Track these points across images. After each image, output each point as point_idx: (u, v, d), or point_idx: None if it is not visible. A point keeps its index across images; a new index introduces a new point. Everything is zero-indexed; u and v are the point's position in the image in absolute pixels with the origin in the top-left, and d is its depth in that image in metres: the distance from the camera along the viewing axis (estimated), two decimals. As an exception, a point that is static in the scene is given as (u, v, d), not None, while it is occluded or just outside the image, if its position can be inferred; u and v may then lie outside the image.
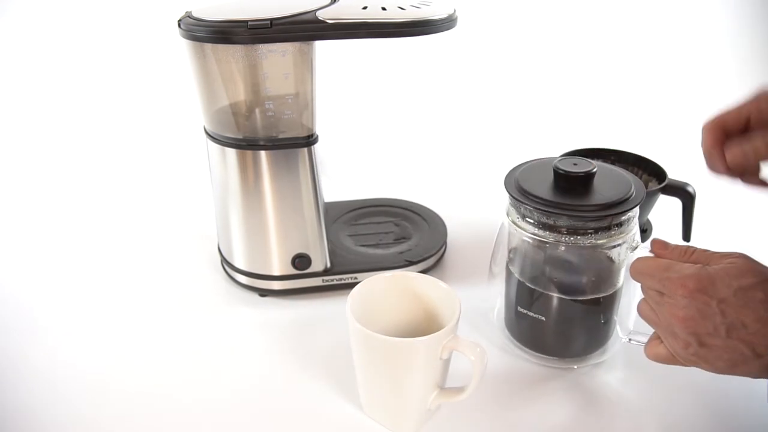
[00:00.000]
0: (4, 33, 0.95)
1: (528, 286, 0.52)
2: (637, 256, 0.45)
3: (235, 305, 0.62)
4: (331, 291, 0.62)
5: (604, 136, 0.79)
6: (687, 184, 0.62)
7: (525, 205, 0.49)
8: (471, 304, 0.52)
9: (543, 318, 0.52)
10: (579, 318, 0.52)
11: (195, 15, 0.52)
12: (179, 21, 0.53)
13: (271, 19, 0.49)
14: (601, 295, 0.51)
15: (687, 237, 0.63)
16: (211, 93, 0.56)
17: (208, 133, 0.58)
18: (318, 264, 0.61)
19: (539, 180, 0.50)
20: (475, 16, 0.92)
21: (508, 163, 0.55)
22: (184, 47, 0.54)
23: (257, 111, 0.55)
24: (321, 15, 0.50)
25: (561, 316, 0.52)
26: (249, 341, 0.57)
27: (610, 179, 0.50)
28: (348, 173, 0.88)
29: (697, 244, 0.45)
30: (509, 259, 0.54)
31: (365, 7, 0.51)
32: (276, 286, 0.61)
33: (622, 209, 0.47)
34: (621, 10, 1.08)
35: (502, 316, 0.57)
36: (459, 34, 0.58)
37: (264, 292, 0.63)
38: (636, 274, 0.44)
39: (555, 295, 0.51)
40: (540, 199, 0.48)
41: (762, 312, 0.37)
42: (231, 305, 0.62)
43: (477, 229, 0.74)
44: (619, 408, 0.50)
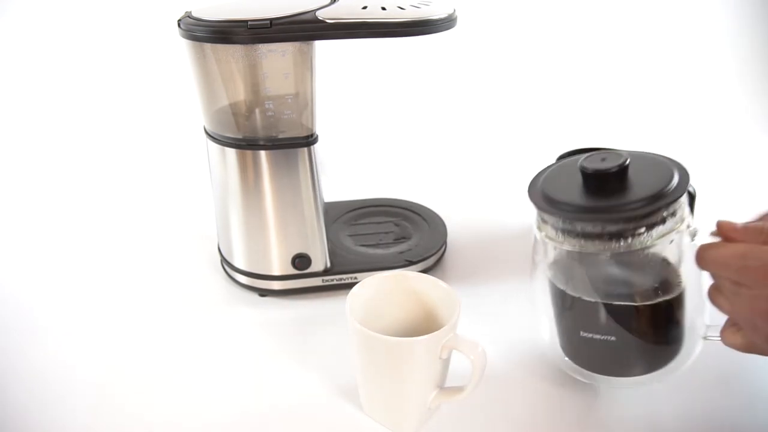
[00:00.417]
0: (4, 33, 0.95)
1: (587, 302, 0.45)
2: (698, 243, 0.39)
3: (235, 305, 0.62)
4: (331, 291, 0.62)
5: (604, 136, 0.79)
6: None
7: (560, 216, 0.43)
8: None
9: (613, 338, 0.45)
10: (651, 329, 0.45)
11: (195, 15, 0.52)
12: (179, 21, 0.53)
13: (271, 19, 0.49)
14: (669, 297, 0.44)
15: None
16: (211, 93, 0.56)
17: (208, 133, 0.58)
18: (318, 264, 0.61)
19: (567, 185, 0.44)
20: (475, 16, 0.92)
21: (508, 163, 0.55)
22: (184, 47, 0.54)
23: (257, 111, 0.55)
24: (321, 15, 0.50)
25: (633, 330, 0.45)
26: (249, 341, 0.57)
27: (644, 167, 0.44)
28: (348, 173, 0.88)
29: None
30: (554, 276, 0.47)
31: (365, 7, 0.51)
32: (276, 286, 0.61)
33: (674, 196, 0.40)
34: (621, 9, 1.08)
35: (557, 343, 0.50)
36: (459, 34, 0.58)
37: (264, 292, 0.63)
38: (705, 264, 0.38)
39: (621, 307, 0.44)
40: (575, 206, 0.42)
41: None
42: (231, 305, 0.62)
43: (477, 229, 0.74)
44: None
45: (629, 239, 0.41)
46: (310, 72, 0.53)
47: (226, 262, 0.64)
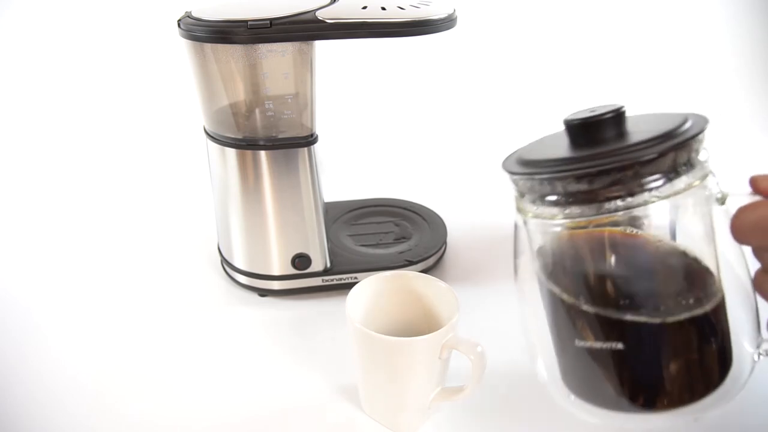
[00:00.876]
0: (4, 33, 0.95)
1: (586, 310, 0.33)
2: (730, 209, 0.30)
3: (235, 305, 0.62)
4: (331, 291, 0.62)
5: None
6: None
7: (542, 175, 0.32)
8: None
9: (621, 346, 0.33)
10: (679, 350, 0.33)
11: (195, 15, 0.52)
12: (179, 21, 0.53)
13: (271, 19, 0.49)
14: (703, 306, 0.32)
15: None
16: (211, 93, 0.56)
17: (208, 133, 0.58)
18: (318, 264, 0.61)
19: (550, 148, 0.36)
20: (475, 16, 0.92)
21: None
22: (183, 47, 0.54)
23: (257, 111, 0.55)
24: (321, 15, 0.50)
25: (651, 343, 0.33)
26: (249, 341, 0.57)
27: (646, 119, 0.34)
28: (348, 173, 0.88)
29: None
30: (546, 276, 0.35)
31: (365, 7, 0.51)
32: (276, 286, 0.61)
33: (687, 135, 0.30)
34: (621, 9, 1.08)
35: (555, 367, 0.38)
36: (459, 34, 0.58)
37: (264, 292, 0.63)
38: (744, 233, 0.29)
39: (634, 315, 0.32)
40: (555, 160, 0.32)
41: None
42: (231, 305, 0.62)
43: (477, 228, 0.74)
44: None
45: (633, 197, 0.30)
46: (310, 72, 0.53)
47: (226, 262, 0.64)
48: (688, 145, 0.31)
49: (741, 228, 0.30)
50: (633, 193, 0.31)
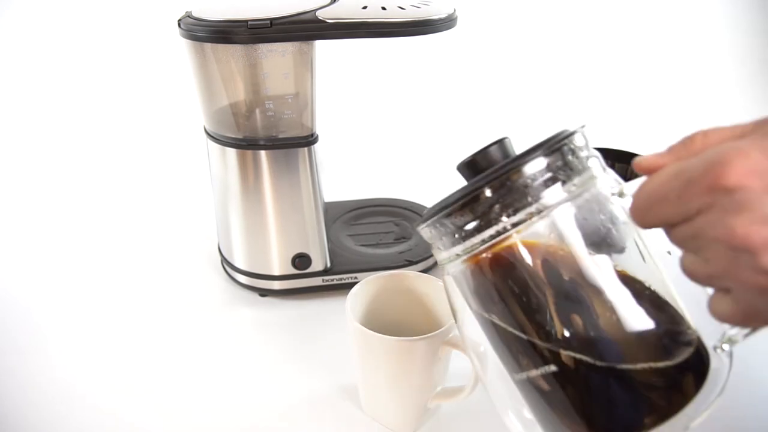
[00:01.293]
0: (4, 33, 0.95)
1: (531, 335, 0.31)
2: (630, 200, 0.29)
3: (235, 305, 0.62)
4: (331, 291, 0.62)
5: (604, 136, 0.79)
6: None
7: (431, 218, 0.34)
8: None
9: (589, 360, 0.30)
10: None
11: (195, 15, 0.52)
12: (179, 21, 0.53)
13: (271, 19, 0.49)
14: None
15: None
16: (211, 93, 0.56)
17: (208, 133, 0.58)
18: (318, 264, 0.61)
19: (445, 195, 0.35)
20: (475, 16, 0.92)
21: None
22: (184, 47, 0.54)
23: (257, 111, 0.55)
24: (321, 15, 0.50)
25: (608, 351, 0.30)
26: (249, 341, 0.57)
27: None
28: (348, 173, 0.88)
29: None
30: (486, 312, 0.33)
31: (365, 7, 0.51)
32: (276, 285, 0.61)
33: (554, 140, 0.31)
34: (620, 9, 1.08)
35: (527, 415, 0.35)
36: (459, 34, 0.58)
37: (264, 292, 0.63)
38: (642, 213, 0.28)
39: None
40: (444, 200, 0.34)
41: None
42: (231, 305, 0.62)
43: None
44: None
45: (513, 215, 0.30)
46: (310, 72, 0.53)
47: (226, 262, 0.64)
48: (558, 149, 0.31)
49: (638, 210, 0.28)
50: (516, 209, 0.30)
